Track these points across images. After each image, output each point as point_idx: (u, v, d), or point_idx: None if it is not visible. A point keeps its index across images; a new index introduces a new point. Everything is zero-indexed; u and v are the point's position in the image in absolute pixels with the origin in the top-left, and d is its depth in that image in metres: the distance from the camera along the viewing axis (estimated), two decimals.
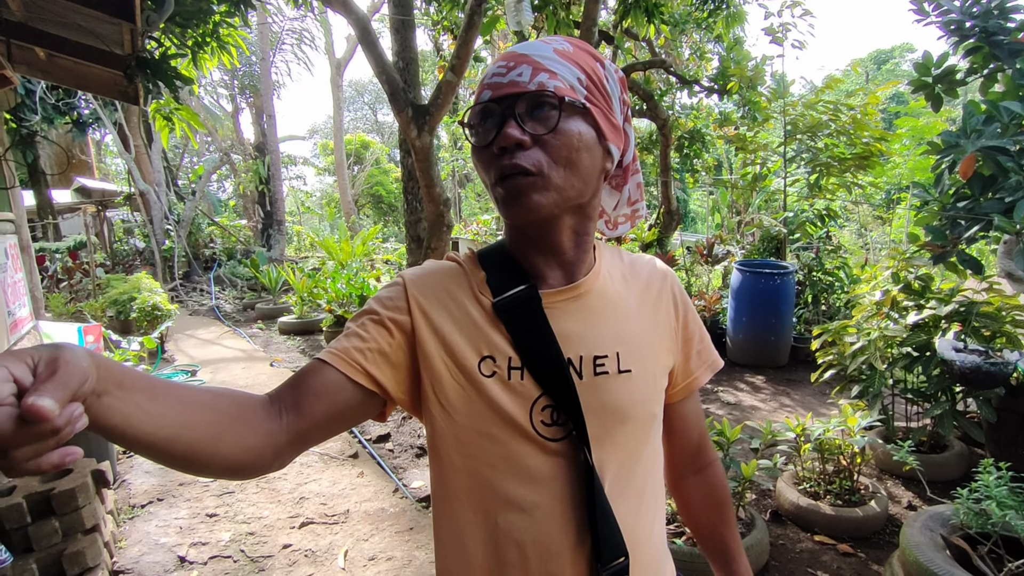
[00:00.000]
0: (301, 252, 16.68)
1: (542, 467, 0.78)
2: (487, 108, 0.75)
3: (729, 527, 1.00)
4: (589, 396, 0.79)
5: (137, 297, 7.04)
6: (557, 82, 0.73)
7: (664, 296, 0.91)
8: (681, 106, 8.73)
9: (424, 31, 7.83)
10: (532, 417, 0.78)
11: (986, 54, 2.98)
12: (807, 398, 4.78)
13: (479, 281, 0.84)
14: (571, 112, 0.74)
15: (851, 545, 2.74)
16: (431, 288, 0.83)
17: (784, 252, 6.48)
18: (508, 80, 0.73)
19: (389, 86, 3.83)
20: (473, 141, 0.78)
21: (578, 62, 0.76)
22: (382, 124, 33.43)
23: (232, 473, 0.70)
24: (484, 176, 0.78)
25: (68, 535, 2.48)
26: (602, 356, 0.81)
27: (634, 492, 0.83)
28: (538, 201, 0.74)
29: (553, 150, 0.73)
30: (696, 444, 0.99)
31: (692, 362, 0.93)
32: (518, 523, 0.79)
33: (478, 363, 0.79)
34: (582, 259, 0.84)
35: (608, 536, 0.77)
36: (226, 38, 4.68)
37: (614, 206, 0.93)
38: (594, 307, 0.83)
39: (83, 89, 4.73)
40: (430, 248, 4.14)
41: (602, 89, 0.78)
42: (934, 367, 3.20)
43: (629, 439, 0.82)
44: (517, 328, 0.80)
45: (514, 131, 0.72)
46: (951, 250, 2.77)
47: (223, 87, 16.99)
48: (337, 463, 3.82)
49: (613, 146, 0.80)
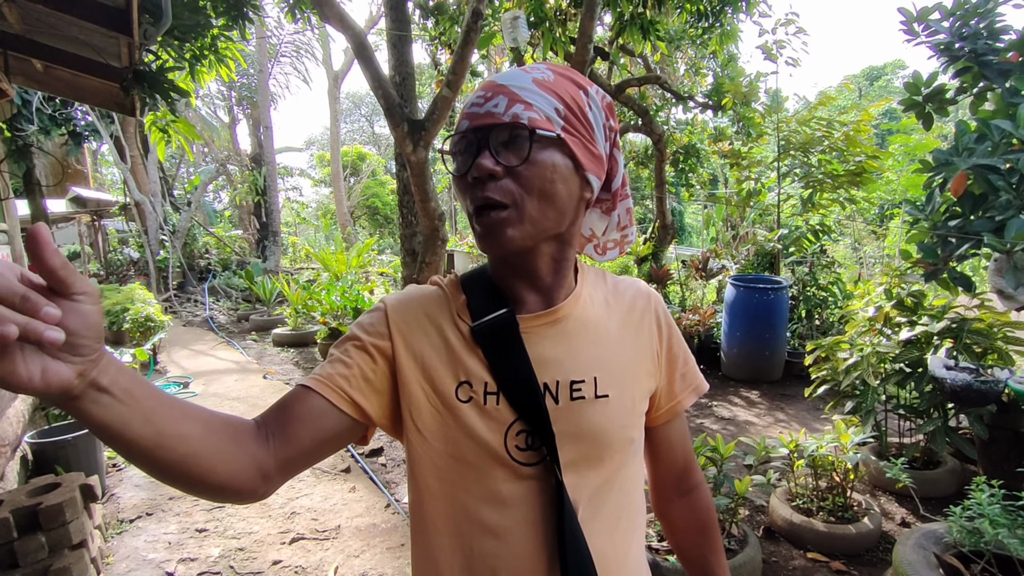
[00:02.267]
0: (296, 263, 16.65)
1: (515, 492, 0.79)
2: (465, 137, 0.76)
3: (715, 552, 0.99)
4: (565, 421, 0.79)
5: (130, 308, 7.01)
6: (532, 113, 0.73)
7: (647, 318, 0.91)
8: (676, 121, 8.80)
9: (422, 45, 7.89)
10: (507, 442, 0.78)
11: (975, 74, 3.01)
12: (801, 413, 4.78)
13: (459, 305, 0.84)
14: (545, 143, 0.74)
15: (844, 562, 2.73)
16: (411, 313, 0.84)
17: (778, 267, 6.51)
18: (484, 111, 0.74)
19: (385, 101, 3.85)
20: (452, 170, 0.79)
21: (557, 92, 0.76)
22: (379, 136, 33.53)
23: (222, 494, 0.70)
24: (463, 204, 0.79)
25: (55, 551, 2.45)
26: (579, 381, 0.81)
27: (610, 516, 0.83)
28: (511, 235, 0.75)
29: (526, 181, 0.74)
30: (681, 467, 0.99)
31: (676, 385, 0.93)
32: (492, 548, 0.79)
33: (455, 388, 0.80)
34: (561, 284, 0.84)
35: (577, 563, 0.76)
36: (224, 51, 4.70)
37: (603, 231, 0.93)
38: (572, 331, 0.84)
39: (80, 101, 4.75)
40: (425, 262, 4.15)
41: (582, 118, 0.78)
42: (926, 383, 3.21)
43: (605, 464, 0.82)
44: (494, 353, 0.80)
45: (487, 162, 0.73)
46: (942, 267, 2.78)
47: (220, 98, 17.04)
48: (329, 477, 3.80)
49: (592, 176, 0.80)
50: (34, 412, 3.83)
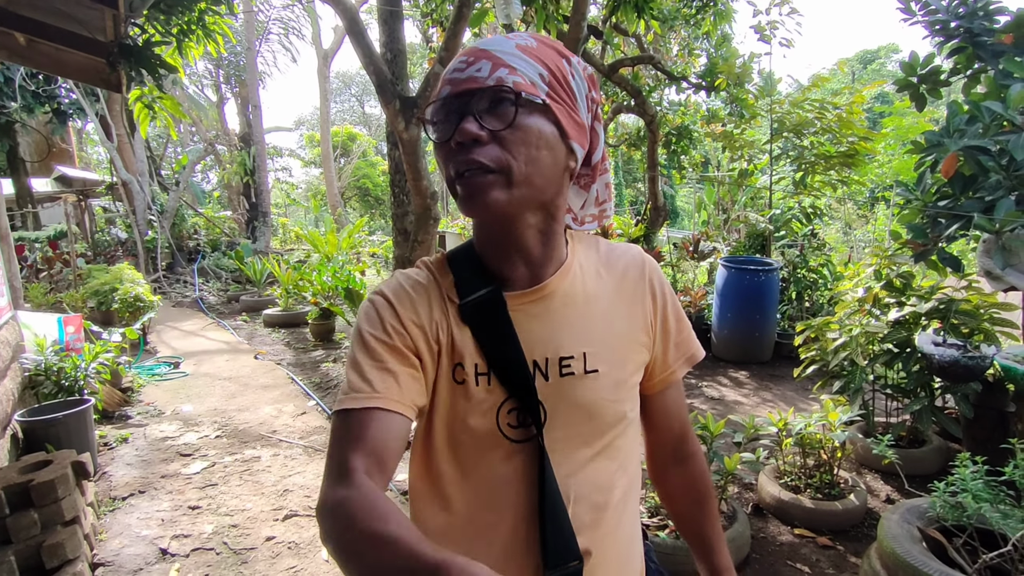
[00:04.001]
0: (287, 244, 16.54)
1: (508, 468, 0.80)
2: (447, 104, 0.74)
3: (710, 518, 1.00)
4: (555, 397, 0.80)
5: (119, 288, 6.95)
6: (516, 77, 0.72)
7: (641, 287, 0.89)
8: (669, 102, 8.75)
9: (413, 23, 7.78)
10: (499, 420, 0.79)
11: (970, 55, 3.02)
12: (790, 393, 4.84)
13: (448, 285, 0.84)
14: (530, 108, 0.73)
15: (830, 538, 2.78)
16: (408, 299, 0.82)
17: (769, 249, 6.53)
18: (467, 76, 0.73)
19: (376, 77, 3.80)
20: (433, 137, 0.77)
21: (541, 58, 0.75)
22: (369, 116, 33.19)
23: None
24: (444, 172, 0.77)
25: (47, 527, 2.45)
26: (568, 357, 0.81)
27: (600, 490, 0.84)
28: (496, 198, 0.73)
29: (511, 146, 0.72)
30: (678, 434, 0.99)
31: (670, 355, 0.92)
32: (488, 521, 0.81)
33: (452, 370, 0.80)
34: (549, 257, 0.83)
35: (558, 538, 0.78)
36: (212, 26, 4.61)
37: (581, 205, 0.92)
38: (560, 307, 0.83)
39: (64, 76, 4.66)
40: (416, 241, 4.13)
41: (566, 86, 0.77)
42: (914, 363, 3.25)
43: (595, 438, 0.83)
44: (482, 332, 0.80)
45: (471, 126, 0.71)
46: (932, 248, 2.80)
47: (208, 77, 16.78)
48: (321, 456, 3.81)
49: (577, 145, 0.79)
50: (24, 391, 3.81)
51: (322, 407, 4.68)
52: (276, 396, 5.04)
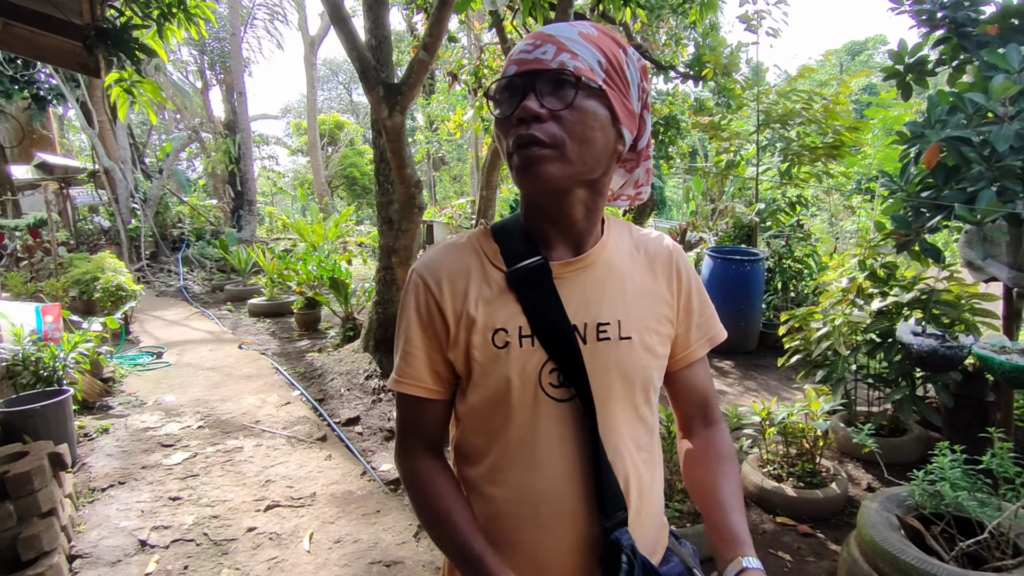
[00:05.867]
0: (273, 234, 16.41)
1: (551, 427, 0.87)
2: (511, 82, 0.81)
3: (733, 481, 0.95)
4: (592, 360, 0.86)
5: (101, 277, 6.85)
6: (577, 63, 0.78)
7: (668, 269, 0.96)
8: (657, 92, 8.73)
9: (398, 10, 7.69)
10: (541, 380, 0.86)
11: (955, 45, 3.02)
12: (774, 383, 4.87)
13: (493, 253, 0.91)
14: (588, 92, 0.80)
15: (811, 526, 2.80)
16: (444, 271, 0.90)
17: (755, 239, 6.55)
18: (533, 57, 0.79)
19: (360, 64, 3.75)
20: (496, 112, 0.84)
21: (600, 46, 0.81)
22: (357, 104, 32.85)
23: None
24: (502, 145, 0.84)
25: (23, 519, 2.41)
26: (605, 323, 0.88)
27: (635, 449, 0.91)
28: (549, 171, 0.79)
29: (568, 125, 0.79)
30: (702, 403, 1.04)
31: (692, 335, 0.99)
32: (530, 482, 0.87)
33: (491, 336, 0.87)
34: (591, 231, 0.90)
35: (610, 489, 0.85)
36: (194, 10, 4.51)
37: (621, 185, 0.99)
38: (600, 277, 0.90)
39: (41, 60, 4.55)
40: (401, 230, 4.10)
41: (621, 74, 0.83)
42: (896, 353, 3.27)
43: (628, 400, 0.90)
44: (528, 298, 0.87)
45: (533, 104, 0.78)
46: (914, 239, 2.82)
47: (192, 62, 16.53)
48: (305, 446, 3.79)
49: (626, 130, 0.85)
50: (1, 381, 3.75)
51: (306, 397, 4.65)
52: (260, 386, 5.00)
